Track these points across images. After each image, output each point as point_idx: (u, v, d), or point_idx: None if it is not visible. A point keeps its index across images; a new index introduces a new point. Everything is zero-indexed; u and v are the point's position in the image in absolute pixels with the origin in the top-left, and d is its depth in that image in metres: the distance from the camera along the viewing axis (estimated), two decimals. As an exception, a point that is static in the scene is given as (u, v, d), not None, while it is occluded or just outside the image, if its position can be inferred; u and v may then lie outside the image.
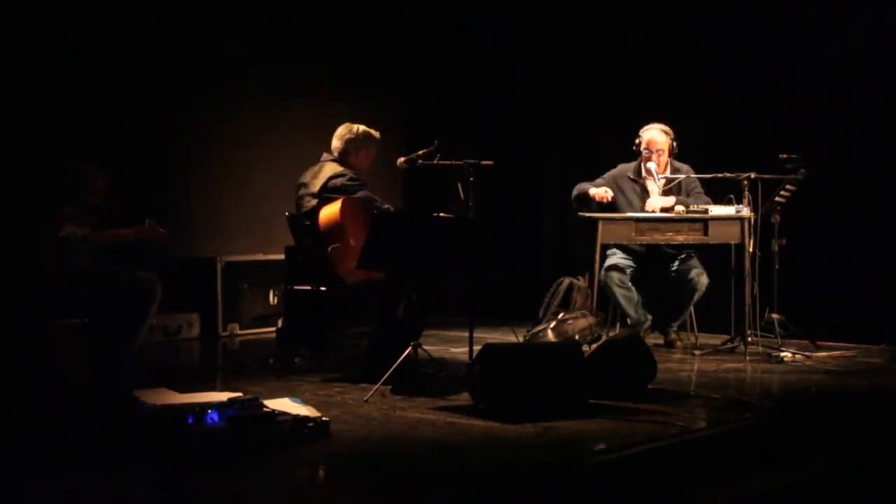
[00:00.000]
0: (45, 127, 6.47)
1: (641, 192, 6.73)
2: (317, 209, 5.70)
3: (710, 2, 7.68)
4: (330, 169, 5.81)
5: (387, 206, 5.80)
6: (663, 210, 6.54)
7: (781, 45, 7.34)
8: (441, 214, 5.49)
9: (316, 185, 5.77)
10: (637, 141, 6.75)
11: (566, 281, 6.79)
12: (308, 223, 5.75)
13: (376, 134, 6.01)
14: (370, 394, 4.96)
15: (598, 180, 6.77)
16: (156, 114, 7.24)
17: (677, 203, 6.53)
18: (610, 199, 6.57)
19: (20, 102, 6.41)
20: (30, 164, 6.05)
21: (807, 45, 7.24)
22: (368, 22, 8.49)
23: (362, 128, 5.98)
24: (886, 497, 4.40)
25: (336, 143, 5.94)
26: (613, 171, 6.83)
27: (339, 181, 5.74)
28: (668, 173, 6.69)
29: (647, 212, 6.58)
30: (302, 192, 5.85)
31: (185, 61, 7.40)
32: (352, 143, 5.91)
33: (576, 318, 6.40)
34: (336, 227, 5.57)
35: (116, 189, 5.47)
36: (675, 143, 6.69)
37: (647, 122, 6.78)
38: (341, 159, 5.88)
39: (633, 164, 6.82)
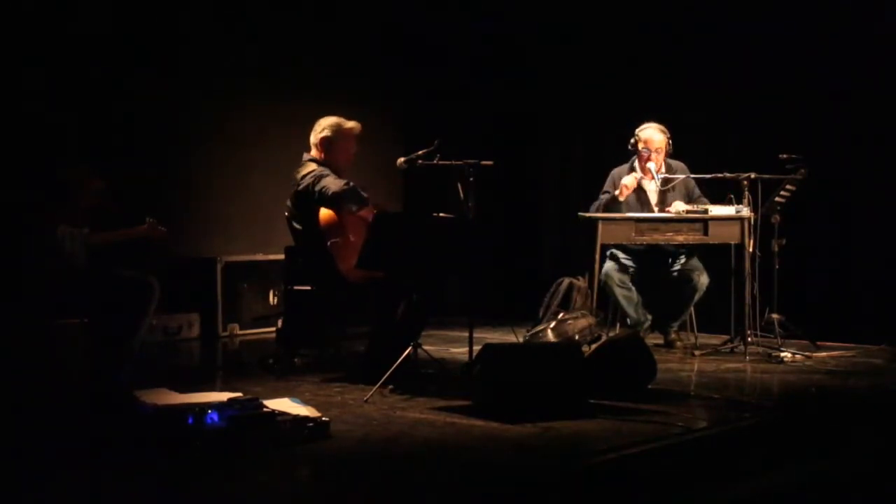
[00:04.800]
0: (43, 128, 6.47)
1: (637, 192, 6.73)
2: (299, 209, 5.67)
3: (711, 1, 7.67)
4: (306, 170, 5.71)
5: (352, 184, 5.61)
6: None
7: (782, 45, 7.34)
8: (441, 214, 5.49)
9: (294, 187, 5.73)
10: (633, 140, 6.75)
11: (566, 281, 6.78)
12: (298, 226, 5.74)
13: (348, 124, 5.81)
14: (370, 394, 4.96)
15: (608, 189, 6.75)
16: (156, 114, 7.24)
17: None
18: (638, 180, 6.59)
19: (18, 103, 6.41)
20: (25, 166, 6.06)
21: (807, 45, 7.24)
22: (368, 22, 8.49)
23: (332, 122, 5.79)
24: (887, 497, 4.40)
25: (312, 140, 5.81)
26: (612, 178, 6.83)
27: (317, 188, 5.61)
28: (663, 171, 6.70)
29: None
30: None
31: (186, 61, 7.40)
32: (324, 142, 5.77)
33: (576, 318, 6.39)
34: (334, 224, 5.57)
35: (114, 189, 5.48)
36: (670, 142, 6.70)
37: (647, 122, 6.77)
38: (319, 158, 5.77)
39: (625, 166, 6.82)
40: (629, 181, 6.58)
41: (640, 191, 6.74)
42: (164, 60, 7.24)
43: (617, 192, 6.59)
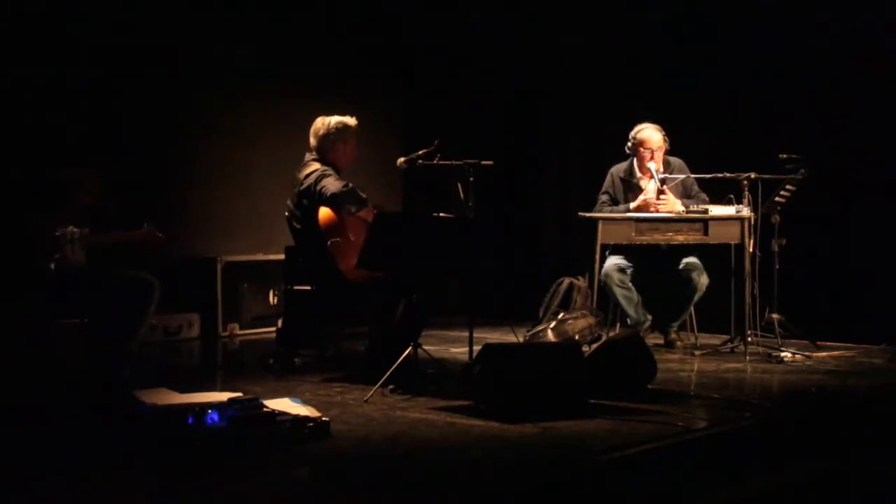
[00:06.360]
0: (43, 128, 6.47)
1: (637, 192, 6.74)
2: (300, 209, 5.68)
3: (711, 1, 7.67)
4: (309, 169, 5.74)
5: (351, 185, 5.65)
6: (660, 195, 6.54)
7: (782, 44, 7.34)
8: (441, 214, 5.49)
9: (296, 187, 5.73)
10: (630, 143, 6.76)
11: (566, 281, 6.79)
12: (298, 226, 5.75)
13: (351, 122, 5.82)
14: (370, 394, 4.97)
15: (605, 193, 6.77)
16: (156, 114, 7.24)
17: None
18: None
19: (17, 103, 6.41)
20: (25, 166, 6.06)
21: (807, 44, 7.24)
22: (368, 22, 8.50)
23: (334, 120, 5.79)
24: (886, 497, 4.40)
25: (312, 140, 5.80)
26: (611, 177, 6.84)
27: (318, 188, 5.63)
28: (661, 169, 6.70)
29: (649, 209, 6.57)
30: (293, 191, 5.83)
31: (186, 61, 7.40)
32: (326, 139, 5.76)
33: (576, 318, 6.40)
34: (334, 223, 5.57)
35: (115, 189, 5.48)
36: (667, 139, 6.70)
37: (647, 122, 6.77)
38: (321, 157, 5.77)
39: (624, 165, 6.83)
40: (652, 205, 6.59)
41: (639, 191, 6.74)
42: (163, 60, 7.24)
43: (632, 206, 6.60)
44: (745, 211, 6.32)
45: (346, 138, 5.82)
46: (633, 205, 6.61)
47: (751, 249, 6.40)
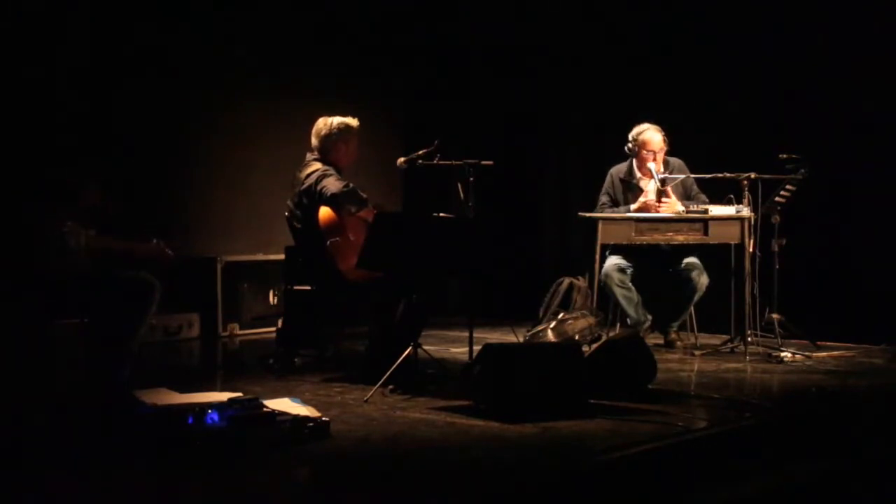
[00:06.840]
0: (44, 128, 6.47)
1: (637, 193, 6.74)
2: (300, 209, 5.68)
3: (710, 1, 7.67)
4: (310, 169, 5.75)
5: (351, 185, 5.67)
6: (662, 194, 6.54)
7: (782, 45, 7.34)
8: (441, 214, 5.49)
9: (297, 186, 5.73)
10: (631, 143, 6.75)
11: (566, 281, 6.79)
12: (298, 225, 5.75)
13: (354, 122, 5.82)
14: (370, 394, 4.97)
15: (605, 194, 6.78)
16: (156, 113, 7.23)
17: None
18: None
19: (18, 103, 6.41)
20: (25, 166, 6.05)
21: (807, 45, 7.24)
22: (368, 21, 8.50)
23: (337, 120, 5.79)
24: (887, 497, 4.40)
25: (314, 140, 5.80)
26: (611, 178, 6.84)
27: (318, 187, 5.64)
28: (661, 169, 6.70)
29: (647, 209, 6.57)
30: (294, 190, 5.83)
31: (186, 61, 7.40)
32: (328, 139, 5.76)
33: (576, 318, 6.40)
34: (334, 223, 5.57)
35: (114, 189, 5.47)
36: (667, 141, 6.70)
37: (642, 123, 6.77)
38: (323, 157, 5.77)
39: (624, 165, 6.83)
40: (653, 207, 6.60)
41: (639, 191, 6.74)
42: (163, 60, 7.24)
43: (633, 207, 6.60)
44: (745, 211, 6.32)
45: (348, 139, 5.82)
46: (633, 206, 6.61)
47: (751, 249, 6.40)
